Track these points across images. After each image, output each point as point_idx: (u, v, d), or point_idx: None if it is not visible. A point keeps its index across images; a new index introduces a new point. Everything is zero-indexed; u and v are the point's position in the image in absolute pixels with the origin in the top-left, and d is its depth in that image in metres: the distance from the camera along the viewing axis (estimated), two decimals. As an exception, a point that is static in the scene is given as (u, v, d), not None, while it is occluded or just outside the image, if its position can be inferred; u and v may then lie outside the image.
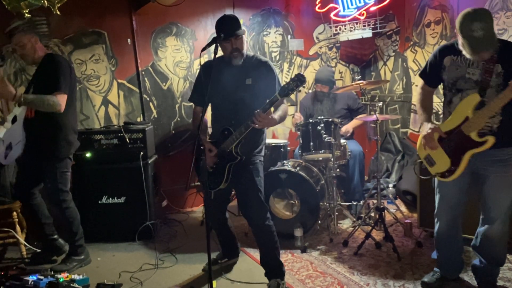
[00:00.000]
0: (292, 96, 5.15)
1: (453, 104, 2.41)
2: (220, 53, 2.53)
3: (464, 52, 2.27)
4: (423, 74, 2.59)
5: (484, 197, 2.43)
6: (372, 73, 5.41)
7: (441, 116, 2.66)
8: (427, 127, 2.45)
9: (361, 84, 3.64)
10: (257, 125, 2.46)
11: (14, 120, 3.10)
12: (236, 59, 2.63)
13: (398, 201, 4.35)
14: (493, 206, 2.41)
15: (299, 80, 2.36)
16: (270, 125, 2.58)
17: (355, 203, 4.00)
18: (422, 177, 2.62)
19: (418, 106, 2.60)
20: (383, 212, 3.39)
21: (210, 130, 3.00)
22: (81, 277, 2.85)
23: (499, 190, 2.37)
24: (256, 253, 3.13)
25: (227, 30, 2.55)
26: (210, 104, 2.86)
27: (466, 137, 2.32)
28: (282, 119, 2.65)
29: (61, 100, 2.97)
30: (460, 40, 2.26)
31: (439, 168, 2.46)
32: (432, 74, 2.52)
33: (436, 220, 2.64)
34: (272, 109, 2.57)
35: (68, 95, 3.03)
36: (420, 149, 2.57)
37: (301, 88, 2.39)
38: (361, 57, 5.49)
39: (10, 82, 3.39)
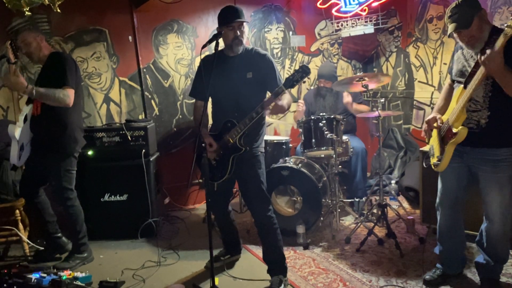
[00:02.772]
0: (295, 93, 5.14)
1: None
2: (220, 48, 2.54)
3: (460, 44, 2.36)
4: (448, 69, 2.66)
5: (481, 195, 2.46)
6: (374, 69, 5.37)
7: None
8: (432, 113, 2.52)
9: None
10: (268, 111, 2.50)
11: (25, 119, 3.11)
12: (237, 46, 2.67)
13: (401, 198, 4.34)
14: (488, 205, 2.43)
15: (303, 71, 2.39)
16: (280, 111, 2.64)
17: (357, 199, 3.99)
18: (425, 165, 2.71)
19: (439, 97, 2.65)
20: (385, 209, 3.39)
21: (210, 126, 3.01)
22: (83, 274, 2.86)
23: (490, 190, 2.39)
24: (258, 250, 3.13)
25: (232, 15, 2.62)
26: (210, 98, 2.86)
27: (449, 128, 2.36)
28: (289, 106, 2.70)
29: (70, 94, 3.01)
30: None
31: (434, 158, 2.51)
32: (451, 70, 2.59)
33: (437, 212, 2.67)
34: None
35: (74, 91, 3.05)
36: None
37: (305, 79, 2.41)
38: (363, 53, 5.47)
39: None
